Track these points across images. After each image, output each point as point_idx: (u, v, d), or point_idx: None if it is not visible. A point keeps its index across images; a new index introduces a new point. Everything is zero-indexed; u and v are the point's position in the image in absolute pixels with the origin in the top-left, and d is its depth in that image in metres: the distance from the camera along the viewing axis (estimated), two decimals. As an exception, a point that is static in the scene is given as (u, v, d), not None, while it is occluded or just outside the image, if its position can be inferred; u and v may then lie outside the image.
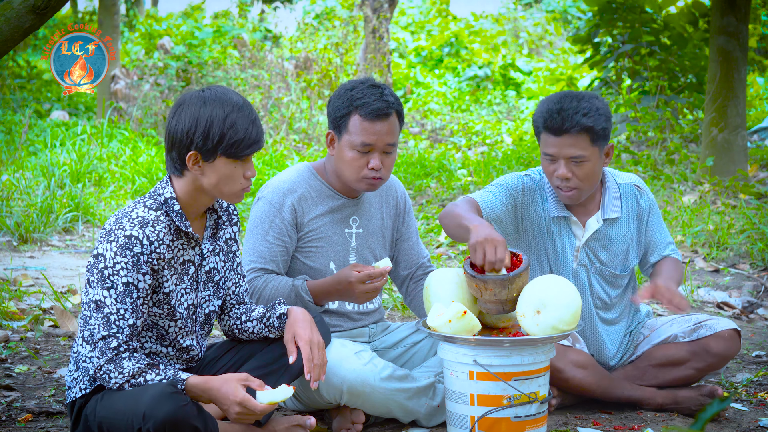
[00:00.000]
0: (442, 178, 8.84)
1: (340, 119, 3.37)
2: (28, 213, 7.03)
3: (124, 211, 2.90)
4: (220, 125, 2.86)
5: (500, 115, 14.45)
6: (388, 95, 3.36)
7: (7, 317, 4.86)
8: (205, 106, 2.88)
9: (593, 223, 3.58)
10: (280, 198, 3.42)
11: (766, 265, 6.08)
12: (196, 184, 2.93)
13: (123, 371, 2.80)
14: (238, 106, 2.90)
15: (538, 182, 3.60)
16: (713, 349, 3.58)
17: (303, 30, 16.11)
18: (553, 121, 3.41)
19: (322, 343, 3.04)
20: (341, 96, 3.38)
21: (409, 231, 3.67)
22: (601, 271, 3.62)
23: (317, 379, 3.01)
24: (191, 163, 2.89)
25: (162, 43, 14.40)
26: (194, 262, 3.01)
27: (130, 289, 2.83)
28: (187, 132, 2.87)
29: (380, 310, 3.66)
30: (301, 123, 11.47)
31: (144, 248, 2.84)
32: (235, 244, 3.14)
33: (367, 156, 3.35)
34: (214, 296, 3.08)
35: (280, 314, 3.10)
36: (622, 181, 3.66)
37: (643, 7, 9.75)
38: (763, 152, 9.13)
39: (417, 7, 22.65)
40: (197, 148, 2.87)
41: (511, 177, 3.61)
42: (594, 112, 3.41)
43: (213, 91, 2.92)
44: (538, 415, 3.16)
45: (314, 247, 3.45)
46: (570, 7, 20.89)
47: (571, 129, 3.39)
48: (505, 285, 3.14)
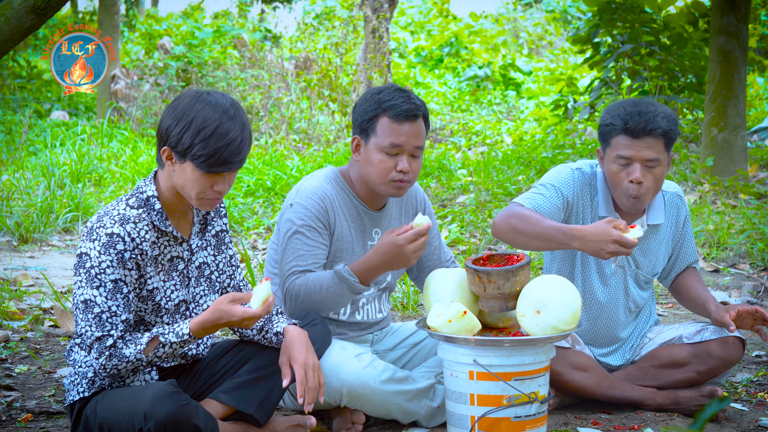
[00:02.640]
0: (442, 178, 8.84)
1: (368, 122, 3.35)
2: (28, 213, 7.03)
3: (106, 208, 2.89)
4: (194, 134, 2.81)
5: (500, 115, 14.45)
6: (415, 98, 3.37)
7: (7, 317, 4.86)
8: (191, 108, 2.84)
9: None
10: (315, 203, 3.37)
11: (766, 265, 6.08)
12: (172, 180, 2.91)
13: (128, 358, 2.80)
14: (224, 118, 2.82)
15: (590, 176, 3.60)
16: (715, 352, 3.59)
17: (303, 30, 16.10)
18: (634, 122, 3.42)
19: (317, 366, 3.02)
20: (368, 100, 3.37)
21: (431, 236, 3.61)
22: (636, 274, 3.66)
23: (310, 403, 2.99)
24: (165, 157, 2.88)
25: (162, 43, 14.40)
26: (183, 258, 2.99)
27: (119, 285, 2.83)
28: (167, 127, 2.86)
29: (387, 318, 3.65)
30: (301, 123, 11.47)
31: (127, 245, 2.83)
32: (227, 235, 3.12)
33: (395, 159, 3.33)
34: (209, 291, 3.07)
35: (277, 332, 3.08)
36: (667, 189, 3.69)
37: (642, 7, 9.75)
38: (763, 152, 9.13)
39: (417, 7, 22.65)
40: (170, 145, 2.85)
41: (562, 173, 3.58)
42: (671, 116, 3.46)
43: (209, 96, 2.87)
44: (538, 415, 3.16)
45: (337, 257, 3.41)
46: (570, 7, 20.89)
47: (653, 131, 3.41)
48: (509, 277, 3.15)
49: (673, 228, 3.69)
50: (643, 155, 3.42)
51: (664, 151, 3.45)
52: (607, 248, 3.25)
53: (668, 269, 3.74)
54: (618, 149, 3.45)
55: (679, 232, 3.70)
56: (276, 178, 8.55)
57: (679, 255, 3.72)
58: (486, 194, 8.01)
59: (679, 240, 3.71)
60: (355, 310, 3.50)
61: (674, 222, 3.68)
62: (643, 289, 3.71)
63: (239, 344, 3.16)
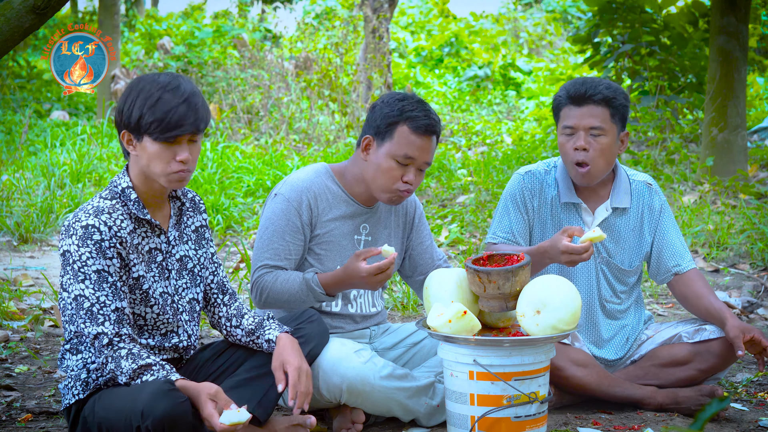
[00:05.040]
0: (442, 178, 8.84)
1: (387, 127, 3.36)
2: (28, 213, 7.03)
3: (82, 206, 2.93)
4: (141, 105, 2.85)
5: (500, 115, 14.46)
6: (434, 115, 3.41)
7: (7, 317, 4.86)
8: (137, 86, 2.89)
9: (602, 211, 3.65)
10: (297, 196, 3.40)
11: (766, 265, 6.08)
12: (138, 165, 2.93)
13: (123, 371, 2.81)
14: (168, 88, 2.87)
15: (542, 173, 3.68)
16: (716, 350, 3.59)
17: (303, 30, 16.12)
18: (576, 90, 3.53)
19: (309, 373, 3.04)
20: (391, 104, 3.38)
21: (421, 236, 3.66)
22: (608, 262, 3.67)
23: (300, 407, 3.02)
24: (125, 143, 2.91)
25: (162, 43, 14.41)
26: (161, 250, 3.01)
27: (102, 275, 2.84)
28: (119, 110, 2.90)
29: (383, 313, 3.66)
30: (301, 123, 11.47)
31: (103, 234, 2.85)
32: (207, 231, 3.14)
33: (404, 169, 3.36)
34: (191, 284, 3.07)
35: (269, 339, 3.09)
36: (634, 177, 3.73)
37: (643, 7, 9.75)
38: (763, 152, 9.13)
39: (417, 7, 22.66)
40: (126, 126, 2.89)
41: (512, 183, 3.70)
42: (615, 88, 3.56)
43: (154, 75, 2.92)
44: (538, 415, 3.16)
45: (323, 250, 3.44)
46: (570, 7, 20.89)
47: (594, 96, 3.51)
48: (508, 277, 3.16)
49: (646, 216, 3.69)
50: (585, 123, 3.52)
51: (610, 121, 3.53)
52: (561, 259, 3.35)
53: (655, 263, 3.71)
54: (564, 120, 3.57)
55: (655, 220, 3.70)
56: (276, 178, 8.55)
57: (665, 248, 3.69)
58: (486, 194, 8.01)
59: (658, 229, 3.70)
60: (347, 302, 3.51)
61: (647, 210, 3.69)
62: (619, 281, 3.70)
63: (234, 345, 3.17)
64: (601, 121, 3.52)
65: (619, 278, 3.70)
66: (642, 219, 3.69)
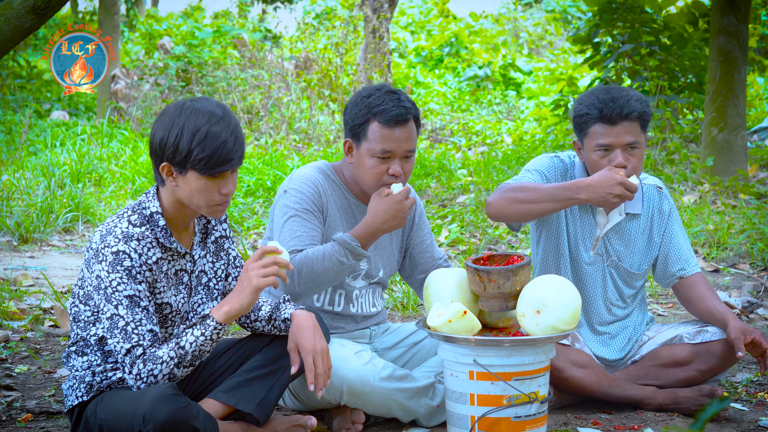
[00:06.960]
0: (442, 178, 8.84)
1: (359, 127, 3.34)
2: (28, 213, 7.03)
3: (108, 227, 2.85)
4: (189, 139, 2.77)
5: (500, 115, 14.46)
6: (405, 101, 3.35)
7: (7, 317, 4.86)
8: (179, 117, 2.80)
9: (616, 215, 3.63)
10: (308, 187, 3.40)
11: (766, 265, 6.08)
12: (175, 195, 2.87)
13: (163, 359, 2.79)
14: (214, 120, 2.79)
15: (568, 165, 3.65)
16: (717, 351, 3.59)
17: (303, 30, 16.11)
18: (609, 109, 3.46)
19: (325, 349, 3.01)
20: (358, 104, 3.36)
21: (421, 234, 3.66)
22: (616, 265, 3.66)
23: (321, 388, 2.98)
24: (165, 174, 2.84)
25: (162, 43, 14.41)
26: (186, 270, 2.99)
27: (134, 300, 2.81)
28: (159, 142, 2.81)
29: (383, 313, 3.66)
30: (301, 123, 11.47)
31: (134, 261, 2.81)
32: (226, 241, 3.10)
33: (387, 162, 3.33)
34: (207, 299, 3.05)
35: (285, 318, 3.08)
36: (645, 181, 3.72)
37: (643, 7, 9.75)
38: (763, 152, 9.13)
39: (417, 7, 22.67)
40: (168, 159, 2.81)
41: (544, 160, 3.64)
42: (642, 98, 3.52)
43: (194, 102, 2.83)
44: (538, 415, 3.16)
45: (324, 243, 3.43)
46: (570, 7, 20.88)
47: (629, 115, 3.46)
48: (509, 276, 3.16)
49: (656, 220, 3.69)
50: (622, 141, 3.48)
51: (641, 133, 3.51)
52: (614, 191, 3.34)
53: (661, 266, 3.72)
54: (596, 138, 3.49)
55: (664, 223, 3.69)
56: (276, 178, 8.55)
57: (672, 252, 3.70)
58: (486, 194, 8.01)
59: (666, 232, 3.70)
60: (349, 302, 3.51)
61: (656, 214, 3.69)
62: (626, 284, 3.69)
63: (238, 343, 3.16)
64: (635, 136, 3.48)
65: (627, 281, 3.69)
66: (652, 222, 3.69)
